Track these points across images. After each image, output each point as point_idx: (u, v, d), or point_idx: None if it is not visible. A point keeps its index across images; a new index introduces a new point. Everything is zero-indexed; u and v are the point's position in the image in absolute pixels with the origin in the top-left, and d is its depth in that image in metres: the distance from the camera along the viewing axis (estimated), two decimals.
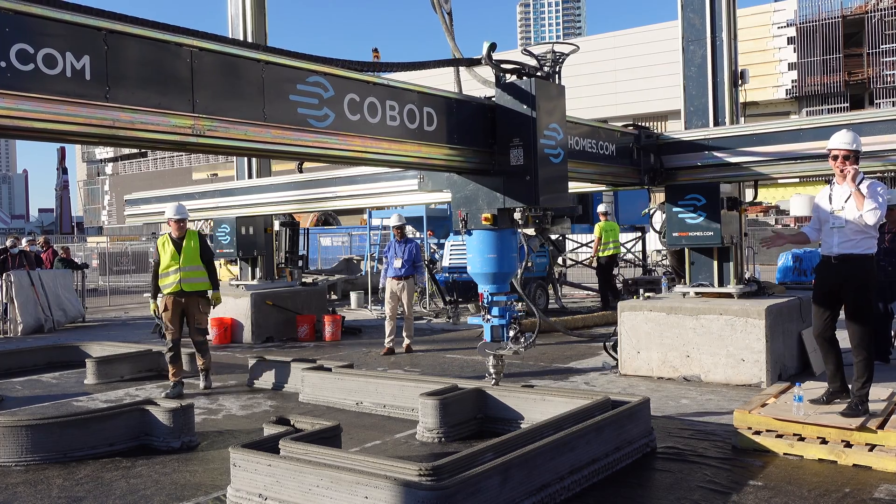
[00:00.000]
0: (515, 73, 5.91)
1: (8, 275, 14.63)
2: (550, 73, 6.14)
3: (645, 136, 8.29)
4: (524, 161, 5.76)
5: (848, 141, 5.60)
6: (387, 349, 10.56)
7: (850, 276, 5.59)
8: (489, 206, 5.94)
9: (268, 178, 11.95)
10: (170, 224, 8.25)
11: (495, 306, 6.10)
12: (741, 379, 7.68)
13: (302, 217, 18.62)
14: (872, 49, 42.60)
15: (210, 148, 4.43)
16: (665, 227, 8.62)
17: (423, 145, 5.51)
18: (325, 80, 4.86)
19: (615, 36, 51.15)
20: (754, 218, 33.53)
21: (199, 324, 8.27)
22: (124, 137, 3.99)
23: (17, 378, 9.49)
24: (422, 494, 3.84)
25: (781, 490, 4.71)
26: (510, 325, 6.08)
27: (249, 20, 12.20)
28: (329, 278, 18.88)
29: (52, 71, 3.62)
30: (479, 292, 6.25)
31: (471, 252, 6.16)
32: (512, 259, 6.10)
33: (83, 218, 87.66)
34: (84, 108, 3.74)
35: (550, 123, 5.93)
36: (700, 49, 8.67)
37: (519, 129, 5.80)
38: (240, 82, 4.42)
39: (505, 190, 5.90)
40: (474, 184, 6.04)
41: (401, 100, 5.39)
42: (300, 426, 5.20)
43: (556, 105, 6.09)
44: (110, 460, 5.74)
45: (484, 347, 6.22)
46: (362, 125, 5.10)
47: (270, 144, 4.60)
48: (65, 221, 76.05)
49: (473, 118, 5.88)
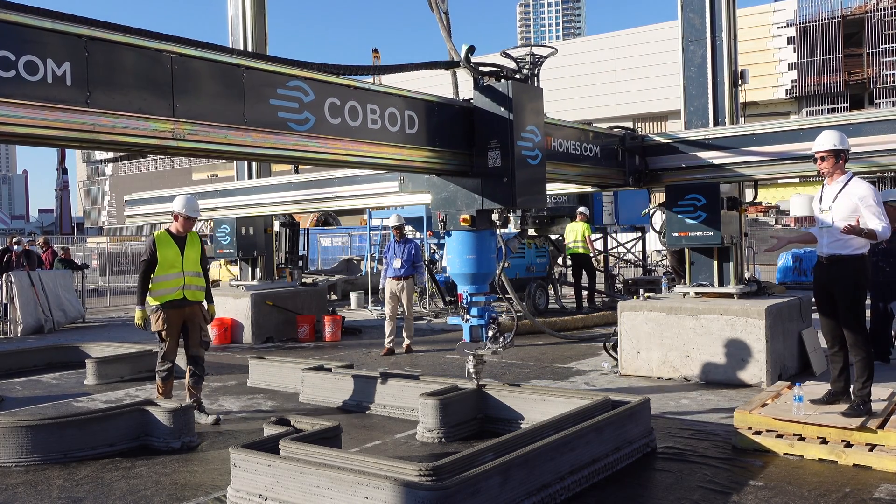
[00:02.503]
0: (493, 75, 5.95)
1: (8, 275, 14.64)
2: (528, 76, 6.17)
3: (630, 137, 8.37)
4: (502, 163, 5.80)
5: (823, 142, 5.61)
6: (387, 349, 10.56)
7: (841, 277, 5.59)
8: (468, 207, 5.99)
9: (268, 179, 11.96)
10: (176, 220, 6.92)
11: (474, 306, 6.12)
12: (741, 379, 7.68)
13: (302, 217, 18.63)
14: (872, 49, 42.60)
15: (190, 151, 4.52)
16: (665, 227, 8.62)
17: (403, 148, 5.56)
18: (306, 85, 4.93)
19: (615, 36, 51.17)
20: (754, 218, 33.54)
21: (206, 335, 7.01)
22: (105, 142, 4.07)
23: (17, 378, 9.49)
24: (422, 495, 3.84)
25: (781, 490, 4.71)
26: (489, 325, 6.08)
27: (249, 20, 12.20)
28: (329, 278, 18.88)
29: (34, 77, 3.70)
30: (459, 293, 6.27)
31: (450, 253, 6.20)
32: (490, 260, 6.12)
33: (83, 218, 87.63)
34: (65, 113, 3.82)
35: (528, 125, 5.95)
36: (700, 49, 8.67)
37: (496, 131, 5.84)
38: (220, 87, 4.49)
39: (483, 191, 5.94)
40: (453, 185, 6.08)
41: (382, 103, 5.43)
42: (300, 426, 5.20)
43: (534, 107, 6.10)
44: (110, 461, 5.74)
45: (462, 347, 6.22)
46: (343, 128, 5.16)
47: (251, 148, 4.67)
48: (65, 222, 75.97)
49: (453, 121, 5.92)
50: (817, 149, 5.65)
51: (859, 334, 5.57)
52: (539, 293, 14.17)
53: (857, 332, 5.57)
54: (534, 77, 6.25)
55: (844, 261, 5.56)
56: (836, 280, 5.61)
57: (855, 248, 5.53)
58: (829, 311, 5.73)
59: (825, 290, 5.72)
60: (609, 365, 8.93)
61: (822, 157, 5.61)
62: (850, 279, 5.56)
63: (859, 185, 5.52)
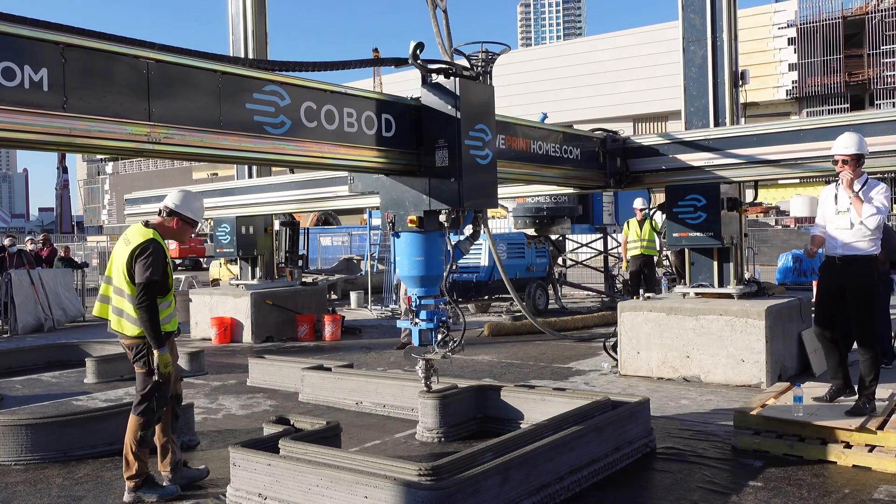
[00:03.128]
0: (442, 72, 5.78)
1: (7, 274, 14.64)
2: (480, 74, 6.00)
3: (611, 140, 8.44)
4: (449, 162, 5.65)
5: (845, 145, 5.63)
6: (402, 343, 10.74)
7: (855, 277, 5.62)
8: (415, 208, 5.83)
9: (267, 178, 11.95)
10: (182, 228, 5.15)
11: (423, 310, 5.92)
12: (741, 379, 7.68)
13: (302, 217, 18.63)
14: (873, 50, 42.59)
15: (167, 154, 4.60)
16: (665, 227, 8.63)
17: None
18: (282, 89, 4.98)
19: (615, 36, 51.15)
20: (754, 218, 33.50)
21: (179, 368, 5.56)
22: (81, 145, 4.14)
23: (16, 377, 9.48)
24: (422, 494, 3.84)
25: (781, 490, 4.71)
26: (438, 328, 5.89)
27: (250, 20, 12.18)
28: (329, 278, 18.89)
29: (11, 83, 3.75)
30: (407, 296, 6.10)
31: (398, 255, 6.04)
32: (439, 262, 5.94)
33: (83, 217, 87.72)
34: (42, 117, 3.88)
35: (477, 124, 5.79)
36: (700, 49, 8.67)
37: (444, 130, 5.69)
38: (195, 92, 4.54)
39: (431, 192, 5.79)
40: (402, 186, 5.96)
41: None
42: (300, 426, 5.21)
43: (485, 106, 5.94)
44: (110, 459, 5.73)
45: (410, 352, 6.05)
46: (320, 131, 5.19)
47: (227, 150, 4.73)
48: (65, 220, 76.08)
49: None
50: (841, 152, 5.63)
51: (870, 334, 5.63)
52: (539, 293, 14.18)
53: (869, 331, 5.62)
54: (487, 75, 6.06)
55: (859, 261, 5.60)
56: (850, 280, 5.64)
57: (869, 248, 5.59)
58: (834, 310, 5.77)
59: (835, 290, 5.75)
60: (609, 365, 8.94)
61: (845, 160, 5.60)
62: (865, 279, 5.61)
63: (880, 192, 5.58)
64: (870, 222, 5.48)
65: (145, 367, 4.87)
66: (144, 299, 4.73)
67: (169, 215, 5.08)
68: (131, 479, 4.83)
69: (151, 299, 4.76)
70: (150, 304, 4.74)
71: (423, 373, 6.04)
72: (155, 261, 4.77)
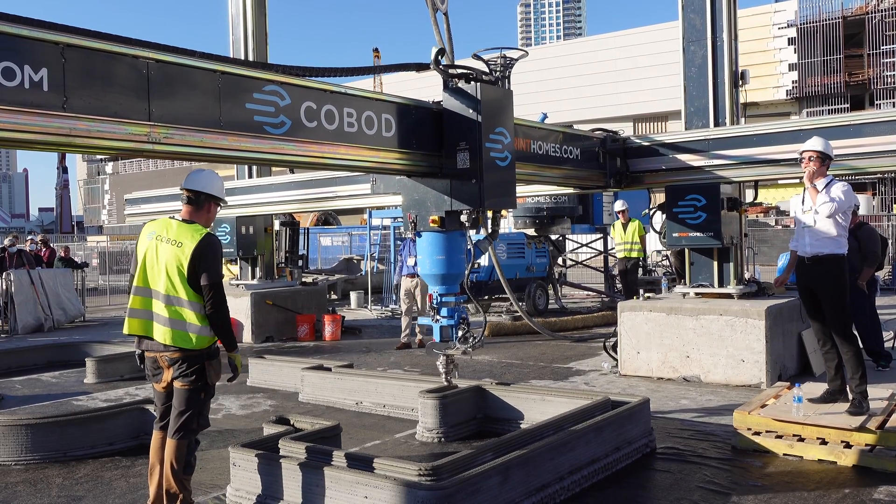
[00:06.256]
0: (462, 77, 6.00)
1: (8, 274, 14.64)
2: (499, 79, 6.21)
3: (611, 140, 8.47)
4: (470, 164, 5.86)
5: (811, 143, 5.80)
6: (402, 343, 10.92)
7: (823, 276, 5.71)
8: (437, 208, 6.05)
9: (268, 178, 11.95)
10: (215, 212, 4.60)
11: (444, 307, 6.17)
12: (741, 379, 7.68)
13: (302, 217, 18.62)
14: (873, 50, 42.55)
15: (167, 154, 4.60)
16: (665, 227, 8.64)
17: (377, 150, 5.63)
18: (282, 89, 5.00)
19: (615, 36, 51.10)
20: (754, 219, 33.49)
21: None
22: (81, 145, 4.14)
23: (17, 377, 9.49)
24: (422, 494, 3.84)
25: (781, 490, 4.71)
26: (459, 325, 6.14)
27: (250, 20, 12.19)
28: (329, 278, 18.89)
29: (11, 83, 3.76)
30: (429, 293, 6.33)
31: (420, 254, 6.28)
32: (460, 260, 6.19)
33: (83, 217, 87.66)
34: (42, 117, 3.89)
35: (497, 127, 6.00)
36: (700, 49, 8.68)
37: (465, 133, 5.89)
38: (195, 92, 4.55)
39: (452, 192, 6.00)
40: (424, 187, 6.16)
41: (359, 106, 5.50)
42: (300, 426, 5.20)
43: (504, 109, 6.14)
44: (110, 459, 5.74)
45: (432, 347, 6.28)
46: (320, 131, 5.22)
47: (227, 150, 4.74)
48: (65, 220, 76.08)
49: (423, 122, 5.98)
50: (806, 148, 5.82)
51: (846, 331, 5.69)
52: (539, 293, 14.18)
53: (843, 329, 5.69)
54: (505, 79, 6.28)
55: (826, 260, 5.68)
56: (818, 279, 5.74)
57: (836, 247, 5.67)
58: (815, 309, 5.85)
59: (809, 290, 5.86)
60: (609, 365, 8.94)
61: (811, 157, 5.76)
62: (832, 278, 5.69)
63: (838, 186, 5.70)
64: (823, 209, 5.59)
65: (197, 383, 4.25)
66: (221, 299, 4.22)
67: (206, 201, 4.44)
68: None
69: (225, 297, 4.28)
70: (224, 302, 4.26)
71: (444, 368, 6.23)
72: (218, 257, 4.31)
